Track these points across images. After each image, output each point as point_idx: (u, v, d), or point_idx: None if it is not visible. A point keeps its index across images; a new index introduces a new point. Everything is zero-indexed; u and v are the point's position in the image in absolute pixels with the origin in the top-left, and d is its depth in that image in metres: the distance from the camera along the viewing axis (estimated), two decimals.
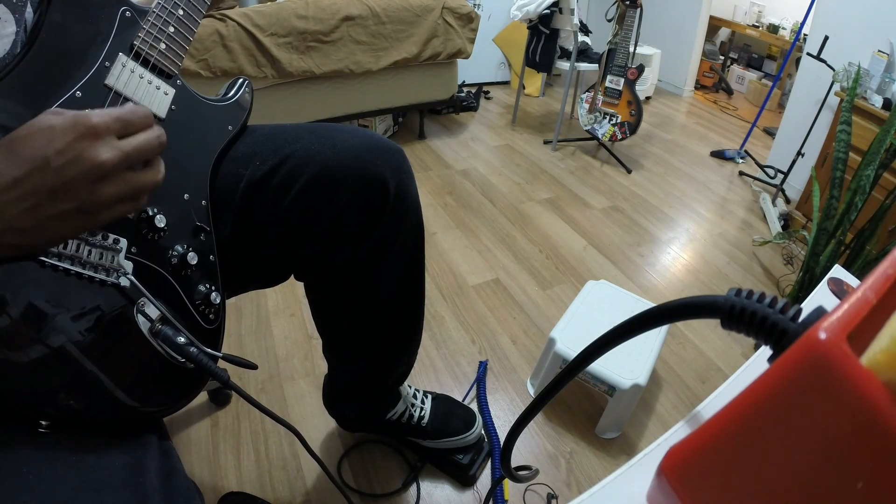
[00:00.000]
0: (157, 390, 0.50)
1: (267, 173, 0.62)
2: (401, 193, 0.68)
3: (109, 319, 0.45)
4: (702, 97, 3.78)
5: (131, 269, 0.47)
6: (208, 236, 0.56)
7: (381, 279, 0.74)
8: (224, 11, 1.82)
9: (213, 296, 0.56)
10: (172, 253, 0.51)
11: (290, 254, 0.68)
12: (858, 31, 1.95)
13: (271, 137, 0.65)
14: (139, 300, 0.47)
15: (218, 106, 0.60)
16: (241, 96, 0.63)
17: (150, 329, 0.47)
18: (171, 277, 0.51)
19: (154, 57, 0.51)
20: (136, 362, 0.47)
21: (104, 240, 0.45)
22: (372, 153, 0.65)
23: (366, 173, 0.64)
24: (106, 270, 0.45)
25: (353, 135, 0.66)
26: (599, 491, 0.34)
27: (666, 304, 0.27)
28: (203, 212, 0.55)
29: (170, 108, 0.52)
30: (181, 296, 0.52)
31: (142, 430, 0.48)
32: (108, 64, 0.47)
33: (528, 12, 2.45)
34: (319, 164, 0.62)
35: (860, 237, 1.33)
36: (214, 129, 0.59)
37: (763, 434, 0.22)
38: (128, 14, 0.49)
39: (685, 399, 1.24)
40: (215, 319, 0.57)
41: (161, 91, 0.51)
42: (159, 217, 0.49)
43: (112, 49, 0.47)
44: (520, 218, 1.98)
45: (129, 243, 0.47)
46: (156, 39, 0.51)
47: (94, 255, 0.44)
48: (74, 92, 0.44)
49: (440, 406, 1.03)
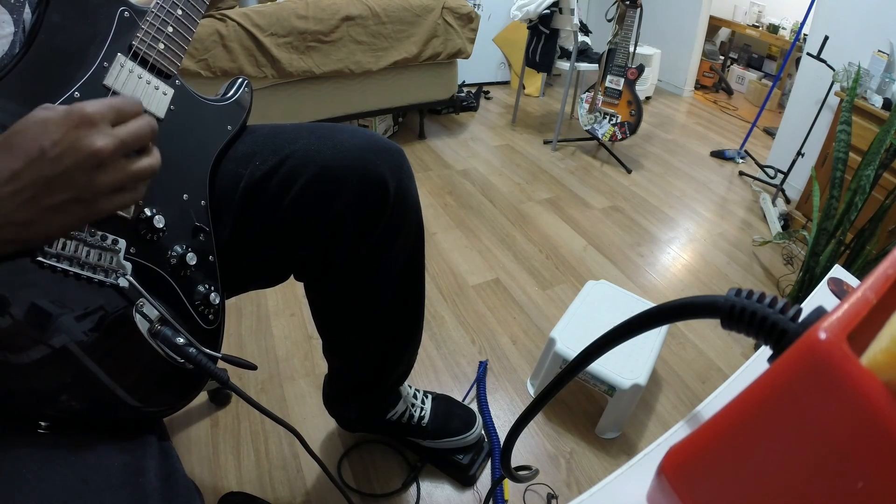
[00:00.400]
0: (157, 391, 0.50)
1: (267, 173, 0.62)
2: (401, 193, 0.68)
3: (109, 320, 0.45)
4: (702, 97, 3.78)
5: (130, 270, 0.47)
6: (207, 237, 0.56)
7: (381, 279, 0.74)
8: (224, 11, 1.82)
9: (213, 296, 0.56)
10: (171, 253, 0.51)
11: (289, 254, 0.68)
12: (858, 31, 1.95)
13: (271, 137, 0.65)
14: (138, 301, 0.47)
15: (217, 106, 0.60)
16: (241, 96, 0.63)
17: (149, 330, 0.47)
18: (171, 278, 0.51)
19: (153, 57, 0.50)
20: (136, 363, 0.47)
21: (103, 240, 0.45)
22: (372, 153, 0.65)
23: (366, 173, 0.64)
24: (105, 271, 0.45)
25: (353, 135, 0.66)
26: (599, 491, 0.34)
27: (666, 304, 0.27)
28: (202, 212, 0.55)
29: (169, 109, 0.52)
30: (180, 296, 0.52)
31: (142, 431, 0.48)
32: (106, 64, 0.47)
33: (528, 12, 2.45)
34: (319, 165, 0.62)
35: (860, 237, 1.33)
36: (214, 129, 0.59)
37: (763, 434, 0.22)
38: (126, 14, 0.49)
39: (685, 399, 1.24)
40: (215, 320, 0.57)
41: (160, 91, 0.51)
42: (158, 217, 0.49)
43: (110, 49, 0.47)
44: (520, 218, 1.98)
45: (128, 244, 0.47)
46: (154, 39, 0.51)
47: (93, 256, 0.44)
48: (73, 92, 0.44)
49: (440, 406, 1.03)
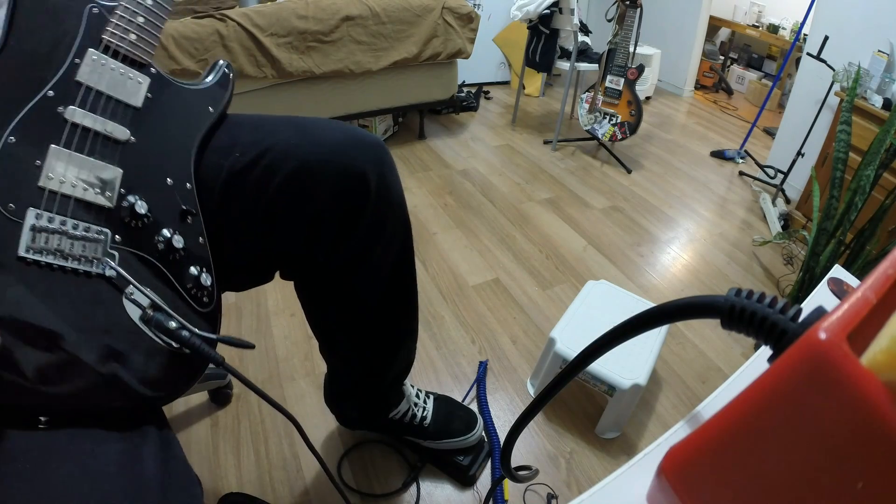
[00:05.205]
0: (155, 378, 0.50)
1: (247, 166, 0.61)
2: (383, 189, 0.67)
3: (100, 310, 0.45)
4: (702, 97, 3.78)
5: (117, 259, 0.47)
6: (196, 219, 0.55)
7: (368, 278, 0.73)
8: (224, 11, 1.82)
9: (204, 277, 0.55)
10: (159, 238, 0.51)
11: (271, 251, 0.67)
12: (858, 31, 1.95)
13: (252, 129, 0.64)
14: (127, 289, 0.47)
15: (197, 90, 0.60)
16: (221, 78, 0.63)
17: (142, 317, 0.47)
18: (160, 263, 0.51)
19: (124, 48, 0.51)
20: (131, 351, 0.47)
21: (87, 232, 0.45)
22: (351, 147, 0.64)
23: (345, 168, 0.63)
24: (91, 262, 0.45)
25: (334, 129, 0.65)
26: (599, 491, 0.34)
27: (666, 305, 0.27)
28: (189, 195, 0.55)
29: (146, 97, 0.52)
30: (172, 281, 0.52)
31: (141, 420, 0.48)
32: (77, 61, 0.47)
33: (528, 12, 2.45)
34: (298, 160, 0.61)
35: (860, 237, 1.33)
36: (195, 112, 0.59)
37: (763, 434, 0.22)
38: (95, 10, 0.50)
39: (685, 399, 1.24)
40: (210, 303, 0.56)
41: (135, 80, 0.51)
42: (140, 204, 0.49)
43: (82, 46, 0.48)
44: (520, 218, 1.98)
45: (113, 233, 0.47)
46: (125, 31, 0.51)
47: (77, 248, 0.44)
48: (46, 92, 0.45)
49: (442, 407, 1.03)
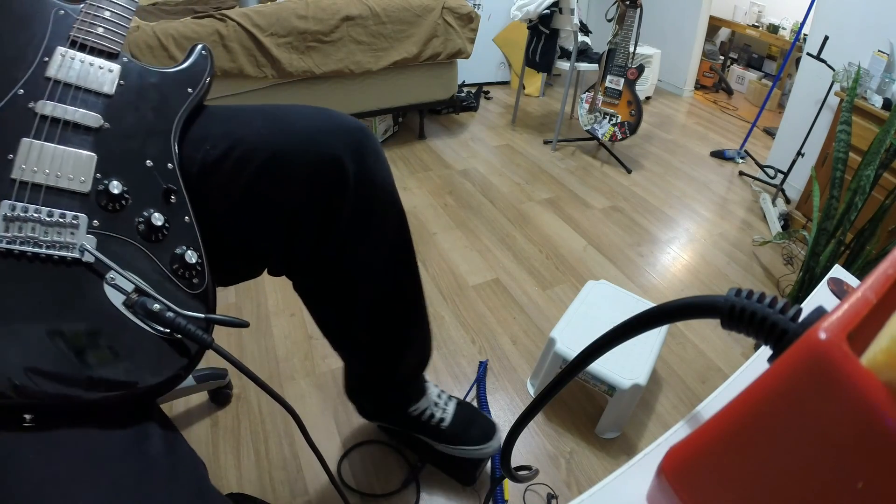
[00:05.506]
0: (144, 366, 0.48)
1: (218, 159, 0.58)
2: (364, 176, 0.63)
3: (81, 298, 0.44)
4: (702, 97, 3.78)
5: (94, 244, 0.46)
6: (179, 195, 0.53)
7: (363, 271, 0.70)
8: (224, 11, 1.82)
9: (188, 255, 0.52)
10: (139, 220, 0.50)
11: (251, 245, 0.63)
12: (858, 31, 1.95)
13: (225, 120, 0.61)
14: (108, 274, 0.46)
15: (173, 72, 0.59)
16: (198, 59, 0.62)
17: (125, 302, 0.46)
18: (142, 245, 0.50)
19: (91, 41, 0.51)
20: (116, 338, 0.46)
21: (62, 218, 0.44)
22: (323, 133, 0.61)
23: (318, 156, 0.60)
24: (67, 247, 0.44)
25: (307, 116, 0.62)
26: (599, 491, 0.34)
27: (666, 305, 0.27)
28: (171, 174, 0.54)
29: (118, 84, 0.53)
30: (156, 262, 0.51)
31: (140, 413, 0.46)
32: (46, 59, 0.48)
33: (528, 12, 2.45)
34: (269, 150, 0.59)
35: (860, 237, 1.33)
36: (173, 93, 0.58)
37: (763, 434, 0.22)
38: (62, 12, 0.51)
39: (685, 399, 1.24)
40: (200, 283, 0.53)
41: (105, 70, 0.52)
42: (114, 184, 0.48)
43: (50, 45, 0.49)
44: (520, 218, 1.98)
45: (90, 218, 0.46)
46: (91, 26, 0.52)
47: (52, 234, 0.43)
48: (17, 91, 0.46)
49: (463, 412, 0.99)
